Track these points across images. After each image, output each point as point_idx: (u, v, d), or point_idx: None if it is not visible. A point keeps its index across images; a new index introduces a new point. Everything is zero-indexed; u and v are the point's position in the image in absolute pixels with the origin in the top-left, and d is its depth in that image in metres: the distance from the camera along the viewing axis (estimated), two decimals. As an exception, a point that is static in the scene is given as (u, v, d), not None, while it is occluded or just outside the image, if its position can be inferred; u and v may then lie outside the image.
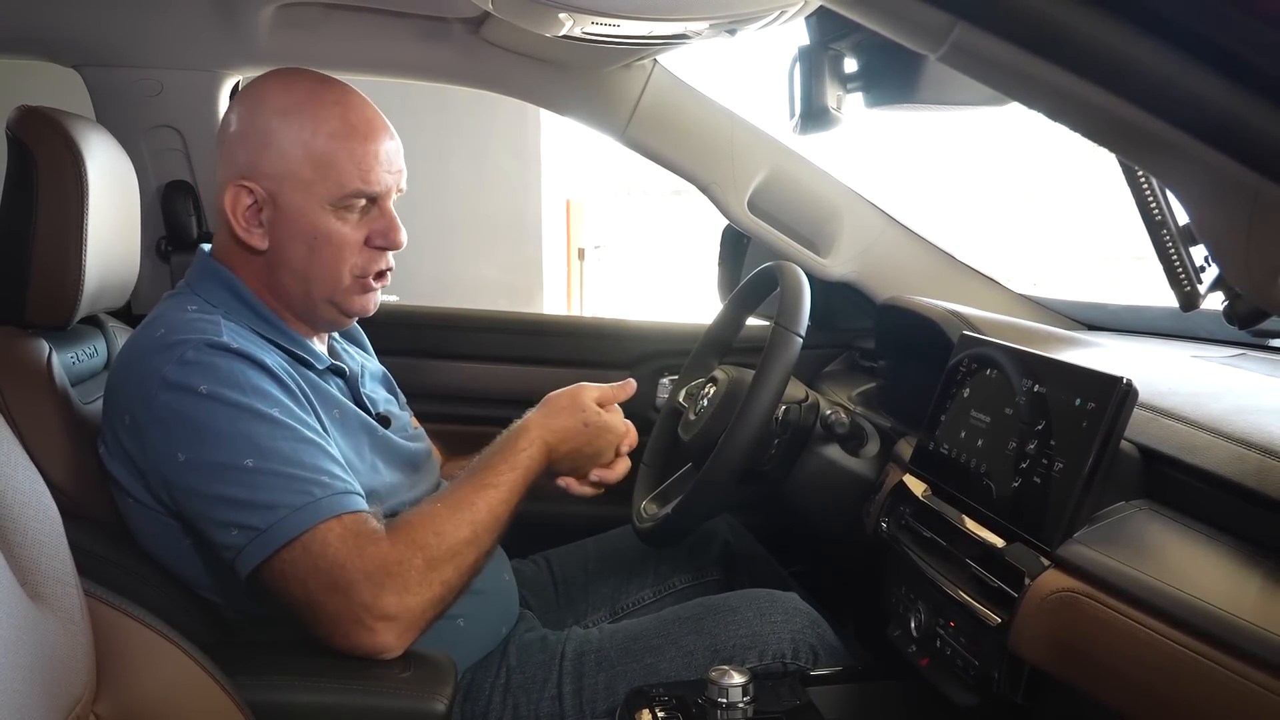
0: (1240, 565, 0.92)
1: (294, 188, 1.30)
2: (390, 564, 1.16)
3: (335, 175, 1.29)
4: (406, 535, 1.19)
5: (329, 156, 1.29)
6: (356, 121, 1.31)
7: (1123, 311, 1.92)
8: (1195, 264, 0.98)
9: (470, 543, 1.23)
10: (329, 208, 1.30)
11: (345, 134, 1.30)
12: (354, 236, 1.32)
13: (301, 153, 1.29)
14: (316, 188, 1.29)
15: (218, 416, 1.18)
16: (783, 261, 1.60)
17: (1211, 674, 0.82)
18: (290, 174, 1.29)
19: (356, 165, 1.29)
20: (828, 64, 1.41)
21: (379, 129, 1.33)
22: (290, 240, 1.32)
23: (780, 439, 1.52)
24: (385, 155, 1.32)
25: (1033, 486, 1.09)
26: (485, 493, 1.27)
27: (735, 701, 1.16)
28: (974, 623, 1.12)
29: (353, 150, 1.29)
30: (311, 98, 1.31)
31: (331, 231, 1.31)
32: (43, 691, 0.85)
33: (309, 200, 1.30)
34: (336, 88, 1.34)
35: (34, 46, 1.91)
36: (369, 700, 1.15)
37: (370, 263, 1.35)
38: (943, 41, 0.65)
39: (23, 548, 0.89)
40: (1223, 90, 0.58)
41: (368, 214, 1.33)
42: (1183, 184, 0.71)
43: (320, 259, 1.32)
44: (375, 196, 1.32)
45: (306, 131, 1.29)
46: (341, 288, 1.34)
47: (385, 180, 1.32)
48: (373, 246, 1.34)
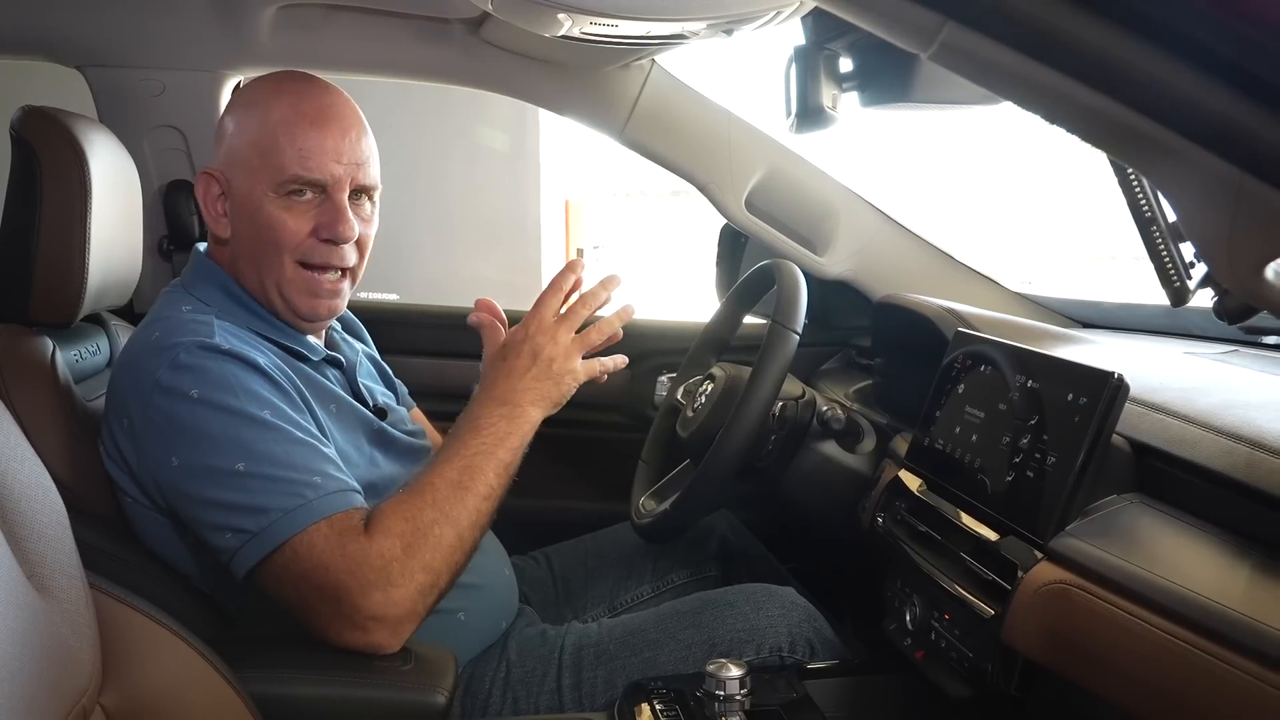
0: (1230, 557, 0.93)
1: (243, 174, 1.32)
2: (371, 559, 1.16)
3: (276, 159, 1.30)
4: (381, 526, 1.18)
5: (271, 141, 1.30)
6: (306, 109, 1.31)
7: (1117, 309, 1.93)
8: (1185, 260, 0.99)
9: (441, 521, 1.21)
10: (272, 194, 1.31)
11: (291, 121, 1.30)
12: (295, 225, 1.32)
13: (250, 139, 1.31)
14: (260, 173, 1.31)
15: (209, 421, 1.19)
16: (780, 260, 1.61)
17: (1202, 664, 0.83)
18: (240, 160, 1.32)
19: (297, 151, 1.30)
20: (823, 64, 1.41)
21: (332, 119, 1.32)
22: (243, 226, 1.34)
23: (777, 435, 1.53)
24: (334, 145, 1.31)
25: (1026, 481, 1.10)
26: (442, 467, 1.25)
27: (732, 694, 1.17)
28: (968, 615, 1.13)
29: (294, 136, 1.30)
30: (272, 90, 1.34)
31: (272, 218, 1.31)
32: (49, 682, 0.86)
33: (255, 186, 1.31)
34: (300, 81, 1.35)
35: (37, 47, 1.92)
36: (370, 693, 1.16)
37: (317, 254, 1.33)
38: (932, 41, 0.66)
39: (29, 541, 0.91)
40: (1210, 89, 0.59)
41: (319, 205, 1.33)
42: (1170, 182, 0.72)
43: (262, 243, 1.33)
44: (317, 184, 1.31)
45: (257, 119, 1.32)
46: (286, 278, 1.34)
47: (331, 169, 1.31)
48: (318, 238, 1.33)
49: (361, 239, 1.37)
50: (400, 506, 1.21)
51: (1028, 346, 1.21)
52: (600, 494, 2.15)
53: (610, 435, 2.16)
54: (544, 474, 2.04)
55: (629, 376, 2.15)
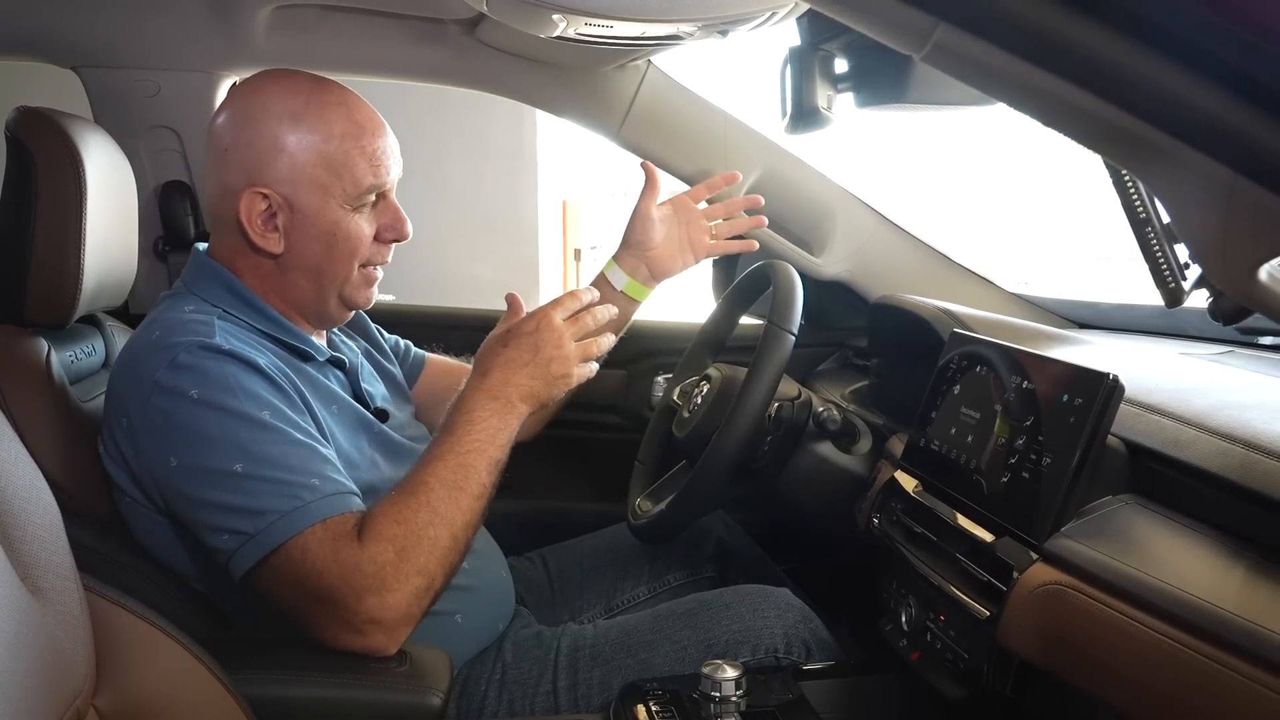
0: (1224, 558, 0.94)
1: (311, 190, 1.31)
2: (364, 565, 1.15)
3: (351, 174, 1.31)
4: (374, 531, 1.18)
5: (344, 157, 1.31)
6: (363, 120, 1.34)
7: (1113, 310, 1.93)
8: (1179, 262, 1.00)
9: (436, 523, 1.21)
10: (347, 207, 1.33)
11: (355, 133, 1.32)
12: (368, 231, 1.36)
13: (316, 156, 1.31)
14: (334, 188, 1.31)
15: (208, 422, 1.18)
16: (775, 260, 1.61)
17: (1196, 665, 0.83)
18: (307, 178, 1.31)
19: (369, 162, 1.33)
20: (818, 64, 1.41)
21: (381, 124, 1.36)
22: (307, 241, 1.33)
23: (773, 436, 1.53)
24: (392, 149, 1.37)
25: (1021, 482, 1.11)
26: (436, 466, 1.24)
27: (728, 695, 1.17)
28: (964, 616, 1.13)
29: (364, 148, 1.32)
30: (315, 100, 1.32)
31: (350, 229, 1.34)
32: (43, 685, 0.86)
33: (327, 201, 1.32)
34: (336, 88, 1.36)
35: (32, 48, 1.92)
36: (366, 694, 1.16)
37: (378, 255, 1.39)
38: (925, 43, 0.66)
39: (23, 543, 0.90)
40: (1203, 92, 0.59)
41: (376, 208, 1.37)
42: (1163, 184, 0.72)
43: (336, 255, 1.35)
44: (387, 190, 1.36)
45: (318, 135, 1.31)
46: (351, 281, 1.38)
47: (395, 173, 1.37)
48: (382, 240, 1.38)
49: None
50: (393, 509, 1.20)
51: (1023, 347, 1.21)
52: (596, 495, 2.15)
53: (606, 436, 2.16)
54: (540, 475, 2.04)
55: (625, 377, 2.16)
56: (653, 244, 1.70)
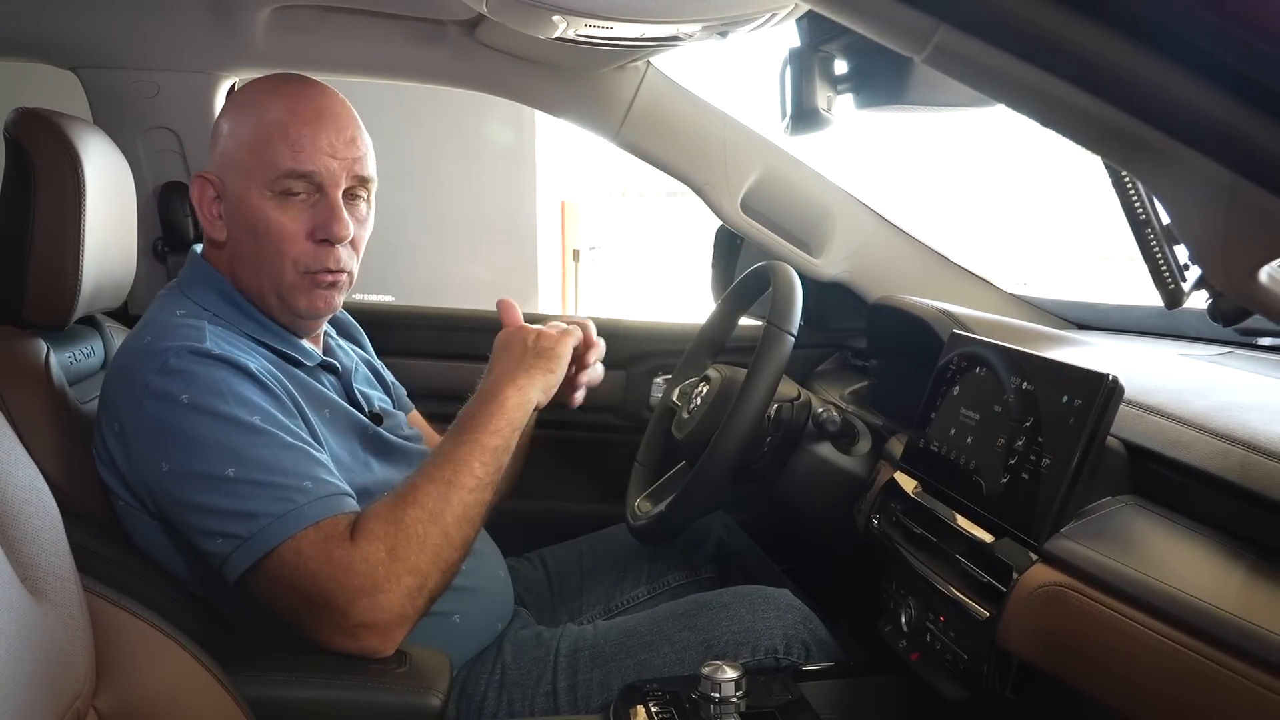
0: (1224, 559, 0.93)
1: (237, 174, 1.31)
2: (356, 565, 1.15)
3: (269, 155, 1.29)
4: (365, 531, 1.18)
5: (265, 138, 1.29)
6: (302, 109, 1.30)
7: (1112, 311, 1.93)
8: (1179, 262, 0.99)
9: (425, 520, 1.20)
10: (268, 194, 1.29)
11: (286, 119, 1.29)
12: (293, 227, 1.30)
13: (244, 139, 1.30)
14: (254, 172, 1.29)
15: (199, 426, 1.18)
16: (775, 261, 1.61)
17: (1196, 666, 0.83)
18: (234, 161, 1.31)
19: (290, 145, 1.28)
20: (818, 66, 1.41)
21: (327, 117, 1.31)
22: (239, 229, 1.33)
23: (773, 437, 1.53)
24: (329, 141, 1.30)
25: (1021, 483, 1.10)
26: (427, 468, 1.25)
27: (728, 696, 1.17)
28: (963, 617, 1.13)
29: (288, 131, 1.29)
30: (267, 91, 1.33)
31: (270, 220, 1.30)
32: (43, 686, 0.85)
33: (250, 186, 1.30)
34: (296, 82, 1.34)
35: (31, 49, 1.92)
36: (365, 695, 1.16)
37: (314, 259, 1.32)
38: (926, 44, 0.66)
39: (23, 544, 0.90)
40: (1204, 93, 0.59)
41: (313, 205, 1.31)
42: (1164, 185, 0.72)
43: (264, 249, 1.31)
44: (311, 179, 1.30)
45: (252, 119, 1.31)
46: (286, 283, 1.33)
47: (325, 163, 1.29)
48: (314, 240, 1.31)
49: (355, 240, 1.35)
50: (384, 509, 1.20)
51: (1023, 348, 1.21)
52: (596, 496, 2.15)
53: (606, 437, 2.16)
54: (540, 476, 2.04)
55: (625, 378, 2.16)
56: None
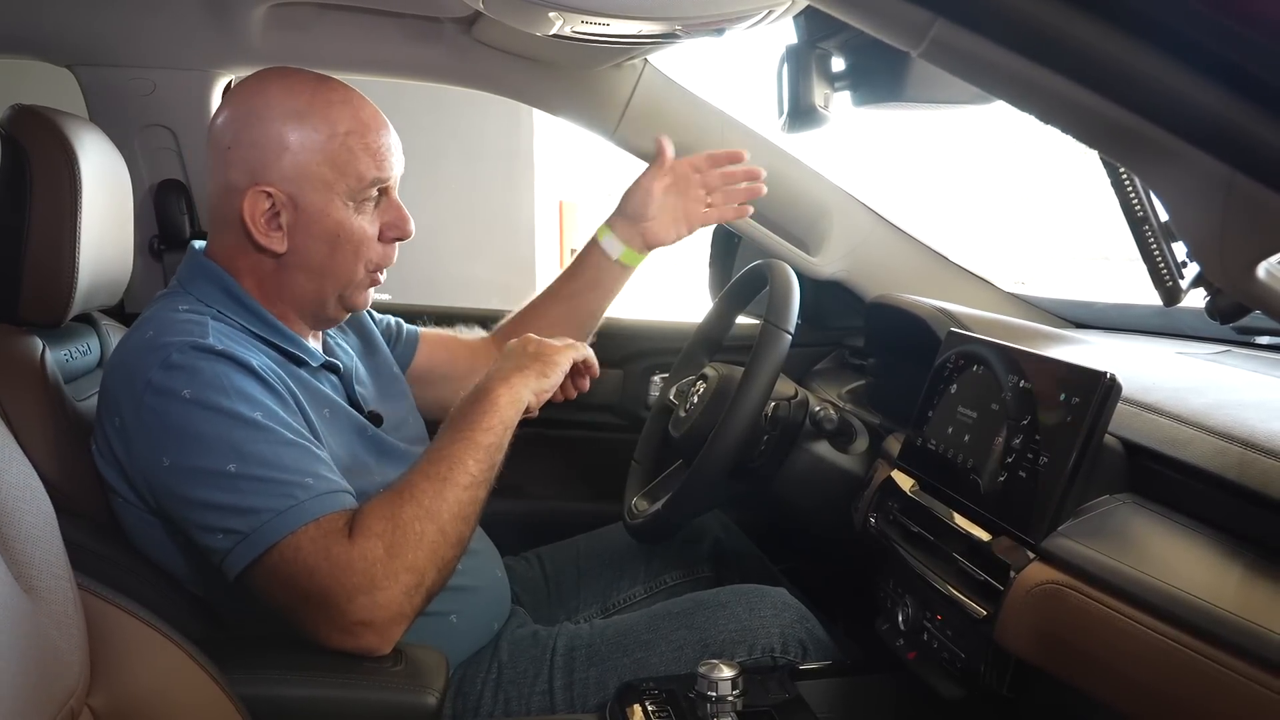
0: (1221, 557, 0.94)
1: (314, 188, 1.31)
2: (354, 563, 1.15)
3: (355, 169, 1.31)
4: (362, 528, 1.18)
5: (347, 153, 1.31)
6: (366, 117, 1.34)
7: (1110, 310, 1.93)
8: (1177, 260, 0.99)
9: (422, 517, 1.20)
10: (350, 204, 1.32)
11: (360, 130, 1.32)
12: (372, 231, 1.36)
13: (320, 154, 1.30)
14: (338, 185, 1.31)
15: (201, 422, 1.18)
16: (772, 259, 1.61)
17: (1194, 664, 0.83)
18: (311, 175, 1.30)
19: (373, 156, 1.32)
20: (815, 63, 1.41)
21: (383, 120, 1.36)
22: (311, 240, 1.33)
23: (770, 435, 1.53)
24: (395, 145, 1.36)
25: (1019, 481, 1.10)
26: (421, 464, 1.25)
27: (725, 695, 1.17)
28: (960, 616, 1.13)
29: (368, 143, 1.32)
30: (319, 98, 1.32)
31: (354, 228, 1.33)
32: (37, 684, 0.85)
33: (331, 199, 1.31)
34: (339, 86, 1.35)
35: (27, 46, 1.91)
36: (361, 694, 1.15)
37: (384, 257, 1.39)
38: (922, 38, 0.66)
39: (17, 541, 0.90)
40: (1201, 87, 0.59)
41: (379, 207, 1.36)
42: (1162, 180, 0.72)
43: (341, 255, 1.34)
44: (388, 185, 1.35)
45: (323, 133, 1.30)
46: (354, 282, 1.37)
47: (397, 168, 1.36)
48: (385, 240, 1.38)
49: None
50: (380, 506, 1.20)
51: (1020, 346, 1.21)
52: (593, 494, 2.15)
53: (603, 436, 2.16)
54: (536, 474, 2.04)
55: (622, 377, 2.15)
56: (650, 215, 1.74)
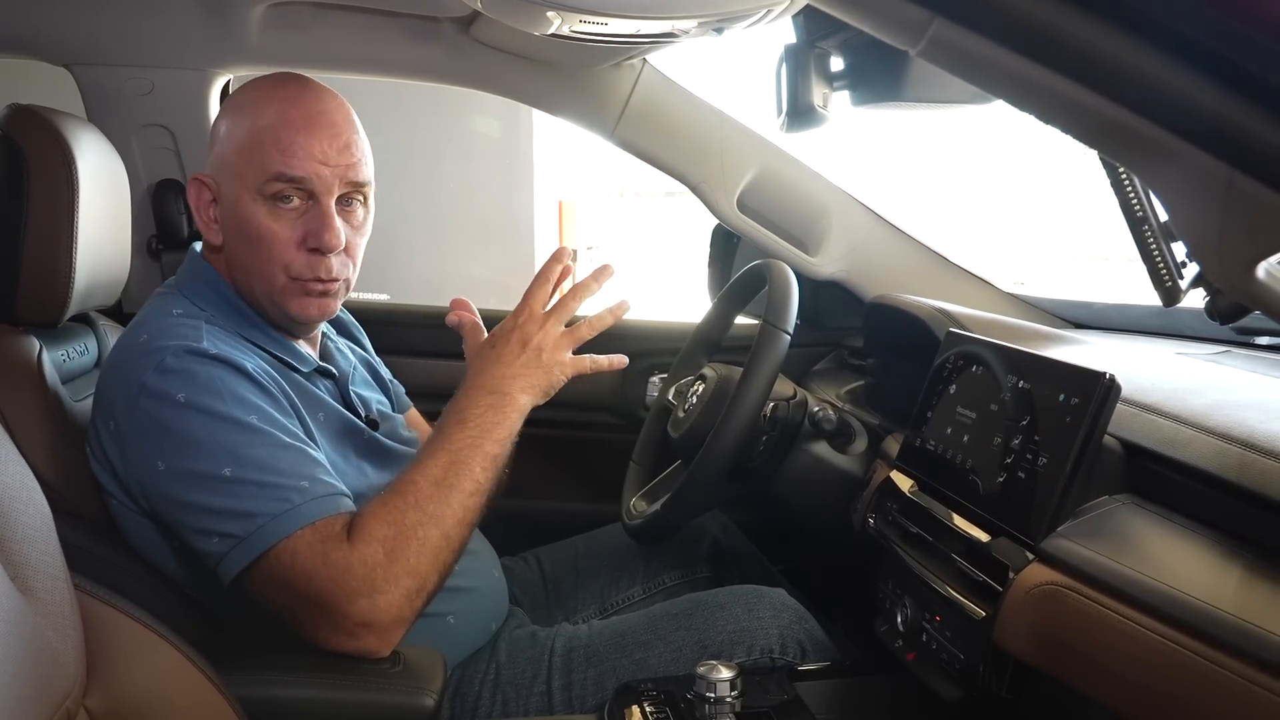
0: (1221, 558, 0.93)
1: (230, 177, 1.30)
2: (354, 567, 1.15)
3: (259, 160, 1.27)
4: (363, 532, 1.17)
5: (257, 142, 1.28)
6: (294, 114, 1.28)
7: (1109, 310, 1.93)
8: (1176, 260, 0.99)
9: (425, 522, 1.19)
10: (260, 199, 1.28)
11: (279, 123, 1.28)
12: (285, 234, 1.29)
13: (238, 142, 1.29)
14: (246, 176, 1.28)
15: (196, 425, 1.18)
16: (771, 260, 1.61)
17: (1193, 665, 0.83)
18: (227, 164, 1.30)
19: (280, 149, 1.27)
20: (814, 62, 1.41)
21: (321, 123, 1.29)
22: (233, 234, 1.32)
23: (769, 436, 1.53)
24: (321, 147, 1.28)
25: (1018, 481, 1.10)
26: (426, 464, 1.23)
27: (723, 696, 1.16)
28: (959, 617, 1.13)
29: (279, 136, 1.27)
30: (264, 94, 1.31)
31: (261, 226, 1.29)
32: (33, 685, 0.85)
33: (241, 190, 1.29)
34: (294, 85, 1.32)
35: (25, 45, 1.91)
36: (358, 695, 1.15)
37: (305, 267, 1.30)
38: (921, 37, 0.65)
39: (13, 542, 0.90)
40: (1201, 86, 0.59)
41: (306, 213, 1.30)
42: (1161, 180, 0.72)
43: (255, 255, 1.30)
44: (302, 185, 1.28)
45: (246, 123, 1.29)
46: (277, 288, 1.31)
47: (315, 170, 1.27)
48: (306, 249, 1.30)
49: (350, 247, 1.33)
50: (383, 510, 1.19)
51: (1019, 347, 1.21)
52: (591, 495, 2.14)
53: (601, 436, 2.16)
54: (535, 475, 2.04)
55: (620, 377, 2.15)
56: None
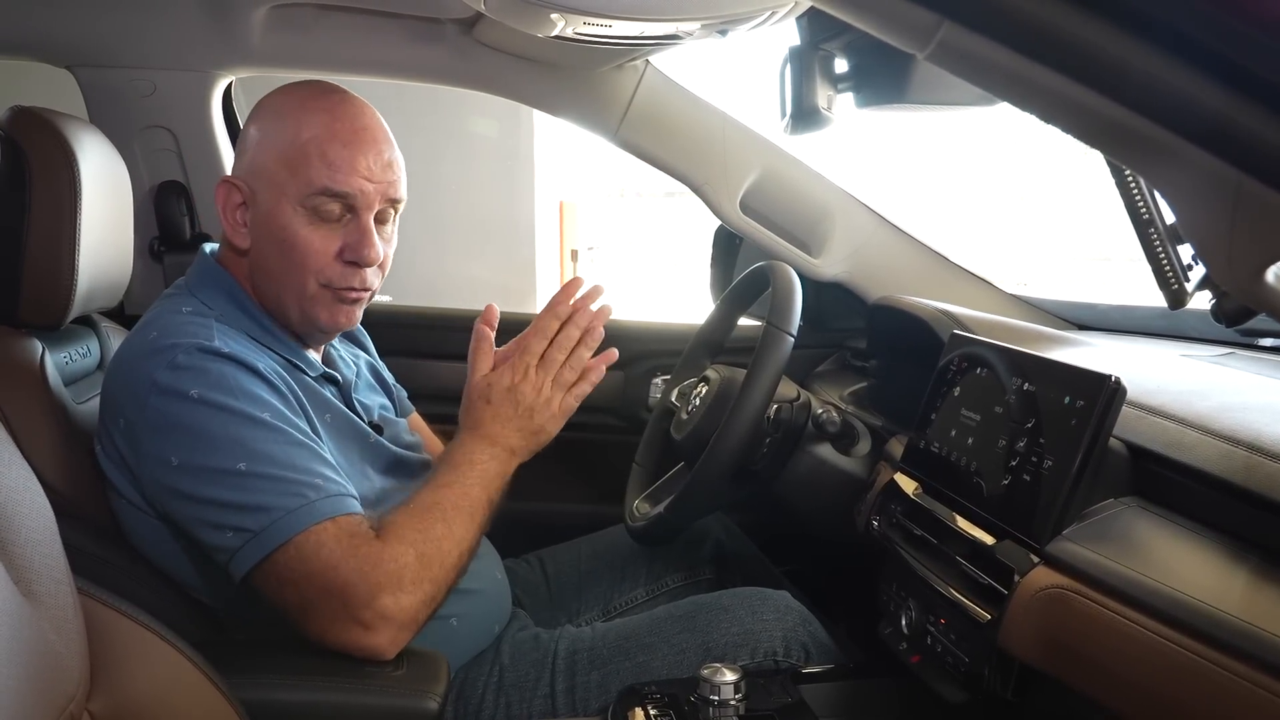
0: (1227, 561, 0.93)
1: (268, 185, 1.30)
2: (385, 563, 1.16)
3: (305, 172, 1.27)
4: (396, 533, 1.20)
5: (302, 154, 1.28)
6: (340, 128, 1.29)
7: (1113, 311, 1.93)
8: (1183, 263, 0.99)
9: (449, 538, 1.23)
10: (300, 210, 1.28)
11: (325, 137, 1.28)
12: (323, 245, 1.30)
13: (280, 151, 1.29)
14: (288, 186, 1.28)
15: (209, 421, 1.18)
16: (774, 261, 1.61)
17: (1199, 669, 0.83)
18: (267, 171, 1.30)
19: (327, 164, 1.27)
20: (818, 64, 1.41)
21: (366, 140, 1.30)
22: (265, 241, 1.32)
23: (772, 438, 1.52)
24: (366, 163, 1.29)
25: (1023, 484, 1.10)
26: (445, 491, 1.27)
27: (727, 699, 1.16)
28: (964, 620, 1.12)
29: (326, 151, 1.28)
30: (306, 102, 1.31)
31: (299, 236, 1.29)
32: (37, 689, 0.85)
33: (281, 200, 1.29)
34: (335, 96, 1.33)
35: (27, 47, 1.91)
36: (362, 698, 1.15)
37: (340, 277, 1.31)
38: (929, 41, 0.65)
39: (16, 545, 0.89)
40: (1208, 89, 0.59)
41: (345, 225, 1.30)
42: (1169, 183, 0.72)
43: (289, 263, 1.30)
44: (344, 198, 1.28)
45: (289, 132, 1.29)
46: (308, 295, 1.32)
47: (361, 186, 1.28)
48: (343, 260, 1.31)
49: (384, 260, 1.35)
50: (412, 519, 1.22)
51: (1024, 349, 1.21)
52: (594, 497, 2.14)
53: (604, 438, 2.15)
54: (538, 477, 2.02)
55: (623, 379, 2.15)
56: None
